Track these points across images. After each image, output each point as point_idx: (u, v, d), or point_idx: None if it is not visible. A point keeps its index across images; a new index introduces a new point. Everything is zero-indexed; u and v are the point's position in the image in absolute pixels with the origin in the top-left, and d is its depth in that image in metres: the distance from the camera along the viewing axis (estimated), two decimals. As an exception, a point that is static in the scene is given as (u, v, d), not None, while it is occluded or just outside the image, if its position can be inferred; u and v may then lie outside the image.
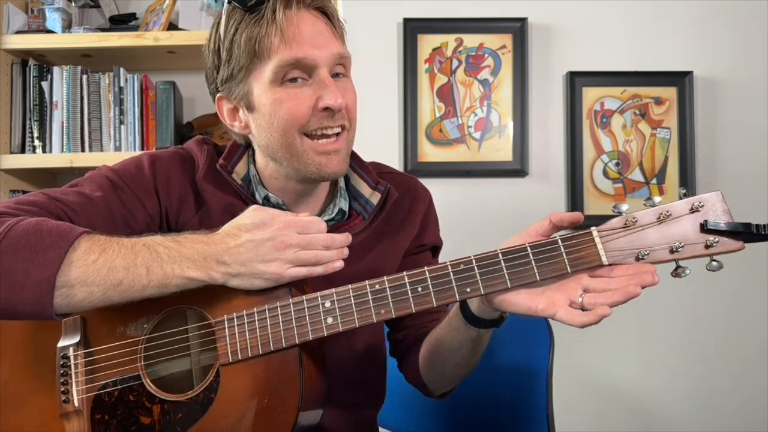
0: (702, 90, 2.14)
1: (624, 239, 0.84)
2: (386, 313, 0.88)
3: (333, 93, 0.95)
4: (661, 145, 2.13)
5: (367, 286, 0.89)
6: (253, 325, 0.90)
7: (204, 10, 2.03)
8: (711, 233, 0.82)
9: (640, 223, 0.84)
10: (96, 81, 2.00)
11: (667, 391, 2.12)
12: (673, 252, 0.83)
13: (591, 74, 2.14)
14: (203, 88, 2.32)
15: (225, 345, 0.90)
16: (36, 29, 2.02)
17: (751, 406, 2.10)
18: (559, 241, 0.86)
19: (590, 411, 2.11)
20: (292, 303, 0.90)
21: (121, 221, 0.98)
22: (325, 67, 0.97)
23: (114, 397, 0.92)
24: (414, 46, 2.14)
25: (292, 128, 0.97)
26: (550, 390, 1.30)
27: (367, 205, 1.08)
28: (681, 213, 0.84)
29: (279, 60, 0.95)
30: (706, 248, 0.82)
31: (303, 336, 0.89)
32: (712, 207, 0.83)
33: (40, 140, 1.99)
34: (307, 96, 0.96)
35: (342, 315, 0.89)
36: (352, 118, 1.02)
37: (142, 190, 1.01)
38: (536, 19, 2.15)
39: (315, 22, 0.97)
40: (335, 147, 0.99)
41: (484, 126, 2.14)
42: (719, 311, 2.11)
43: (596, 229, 0.85)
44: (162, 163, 1.04)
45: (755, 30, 2.14)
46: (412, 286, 0.88)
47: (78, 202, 0.95)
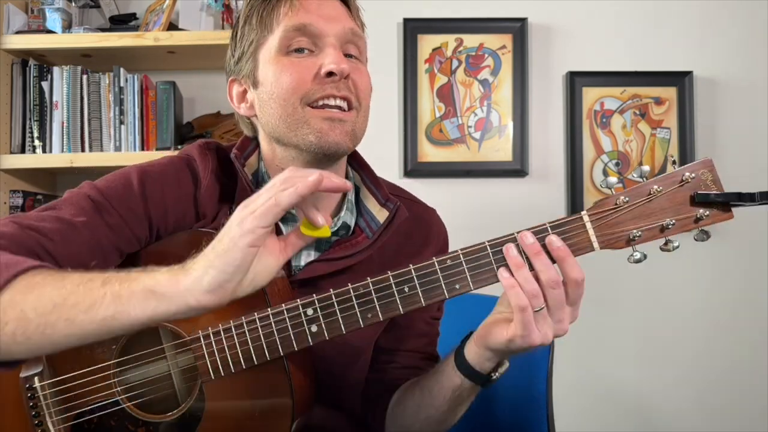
0: (702, 90, 2.14)
1: (614, 220, 0.82)
2: (373, 317, 0.83)
3: (336, 56, 0.89)
4: (661, 145, 2.13)
5: (350, 290, 0.83)
6: (232, 341, 0.83)
7: (204, 10, 2.03)
8: (701, 205, 0.80)
9: (630, 202, 0.81)
10: (96, 81, 2.00)
11: (667, 391, 2.12)
12: (664, 230, 0.81)
13: (591, 74, 2.14)
14: (203, 88, 2.33)
15: (205, 363, 0.84)
16: (36, 29, 2.02)
17: (751, 406, 2.10)
18: (549, 228, 0.81)
19: (590, 411, 2.11)
20: (272, 314, 0.83)
21: (110, 248, 0.88)
22: (332, 37, 0.91)
23: (93, 424, 0.87)
24: (414, 46, 2.14)
25: (292, 96, 0.90)
26: (550, 390, 1.30)
27: (372, 222, 0.99)
28: (671, 186, 0.81)
29: (285, 26, 0.91)
30: (696, 222, 0.81)
31: (288, 348, 0.83)
32: (702, 177, 0.81)
33: (40, 140, 1.99)
34: (311, 64, 0.90)
35: (327, 322, 0.83)
36: (362, 98, 0.93)
37: (131, 213, 0.90)
38: (536, 19, 2.15)
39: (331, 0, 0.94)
40: (340, 116, 0.90)
41: (484, 126, 2.14)
42: (719, 311, 2.11)
43: (587, 213, 0.82)
44: (153, 180, 0.93)
45: (755, 30, 2.14)
46: (398, 286, 0.82)
47: (57, 230, 0.84)
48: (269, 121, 0.94)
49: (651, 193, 0.81)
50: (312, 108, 0.90)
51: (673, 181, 0.81)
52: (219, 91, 2.16)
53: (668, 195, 0.81)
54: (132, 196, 0.90)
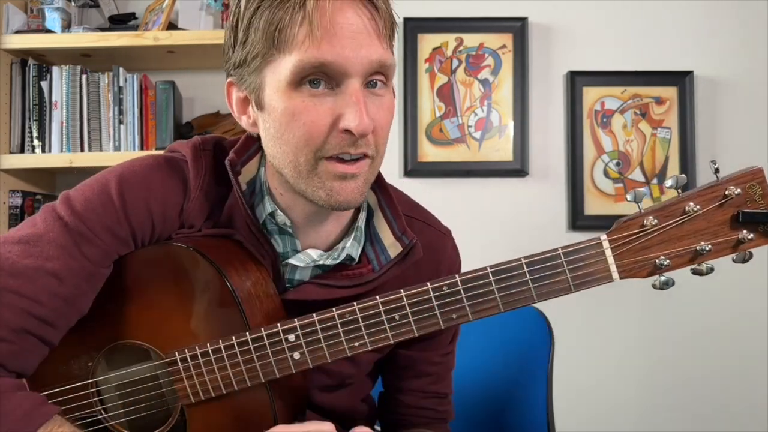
0: (702, 90, 2.14)
1: (640, 245, 0.70)
2: (361, 345, 0.77)
3: (358, 113, 0.75)
4: (662, 145, 2.13)
5: (335, 317, 0.77)
6: (211, 365, 0.79)
7: (204, 9, 2.02)
8: (746, 226, 0.67)
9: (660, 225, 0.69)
10: (95, 81, 1.99)
11: (667, 391, 2.12)
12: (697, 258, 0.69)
13: (591, 74, 2.14)
14: (203, 88, 2.33)
15: (184, 386, 0.80)
16: (35, 29, 2.02)
17: (751, 406, 2.10)
18: (561, 254, 0.73)
19: (590, 411, 2.11)
20: (251, 339, 0.78)
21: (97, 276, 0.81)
22: (357, 78, 0.76)
23: None
24: (414, 45, 2.14)
25: (305, 147, 0.77)
26: (550, 390, 1.30)
27: (383, 255, 0.89)
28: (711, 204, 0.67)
29: (300, 58, 0.74)
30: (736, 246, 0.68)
31: (269, 375, 0.79)
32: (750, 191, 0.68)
33: (39, 140, 1.98)
34: (328, 110, 0.76)
35: (310, 350, 0.78)
36: (380, 144, 0.81)
37: (114, 239, 0.81)
38: (536, 18, 2.15)
39: (356, 15, 0.75)
40: (353, 170, 0.78)
41: (484, 126, 2.13)
42: (719, 311, 2.11)
43: (607, 237, 0.72)
44: (136, 192, 0.82)
45: (755, 30, 2.14)
46: (388, 314, 0.76)
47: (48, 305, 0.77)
48: (276, 158, 0.82)
49: (686, 212, 0.68)
50: (325, 160, 0.78)
51: (714, 197, 0.68)
52: (218, 91, 2.16)
53: (706, 214, 0.68)
54: (114, 217, 0.80)
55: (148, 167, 0.85)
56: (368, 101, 0.77)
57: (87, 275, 0.79)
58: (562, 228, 2.12)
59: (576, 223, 2.10)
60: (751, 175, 0.69)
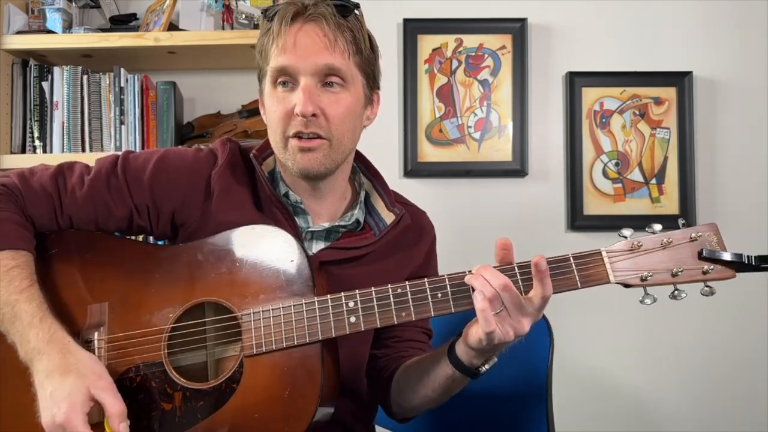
0: (701, 90, 2.14)
1: (629, 261, 0.92)
2: (407, 315, 0.93)
3: (301, 101, 1.01)
4: (661, 145, 2.14)
5: (389, 289, 0.93)
6: (279, 320, 0.93)
7: (204, 10, 2.03)
8: (707, 261, 0.91)
9: (645, 248, 0.92)
10: (96, 81, 2.00)
11: (668, 391, 2.12)
12: (674, 276, 0.92)
13: (590, 74, 2.14)
14: (203, 89, 2.33)
15: (250, 337, 0.94)
16: (36, 29, 2.03)
17: (751, 406, 2.10)
18: (571, 258, 0.92)
19: (590, 411, 2.11)
20: (317, 301, 0.94)
21: (102, 205, 1.06)
22: (306, 76, 1.02)
23: (136, 383, 0.95)
24: (414, 46, 2.14)
25: (278, 127, 1.05)
26: (550, 390, 1.31)
27: (380, 223, 1.14)
28: (681, 241, 0.92)
29: (272, 66, 1.04)
30: (703, 274, 0.91)
31: (326, 333, 0.93)
32: (708, 238, 0.92)
33: (40, 140, 1.99)
34: (289, 101, 1.03)
35: (365, 315, 0.93)
36: (335, 130, 1.04)
37: (135, 180, 1.07)
38: (536, 19, 2.15)
39: (313, 34, 1.03)
40: (308, 145, 1.03)
41: (483, 126, 2.14)
42: (719, 311, 2.11)
43: (605, 250, 0.93)
44: (169, 160, 1.09)
45: (755, 30, 2.15)
46: (432, 292, 0.93)
47: (73, 184, 1.07)
48: (271, 142, 1.10)
49: (663, 244, 0.92)
50: (291, 138, 1.04)
51: (683, 237, 0.93)
52: (219, 91, 2.17)
53: (679, 248, 0.92)
54: (143, 168, 1.07)
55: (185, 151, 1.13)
56: (321, 95, 1.03)
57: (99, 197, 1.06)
58: (562, 228, 2.12)
59: (575, 223, 2.10)
60: (708, 227, 0.93)
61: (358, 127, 1.12)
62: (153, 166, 1.08)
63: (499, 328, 0.89)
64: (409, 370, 1.11)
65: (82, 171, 1.10)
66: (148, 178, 1.07)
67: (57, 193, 1.05)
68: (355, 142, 1.12)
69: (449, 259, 1.26)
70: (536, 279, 0.89)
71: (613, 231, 2.32)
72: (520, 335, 0.91)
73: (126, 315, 0.98)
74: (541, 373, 1.31)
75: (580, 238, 2.12)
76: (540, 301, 0.90)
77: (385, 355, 1.18)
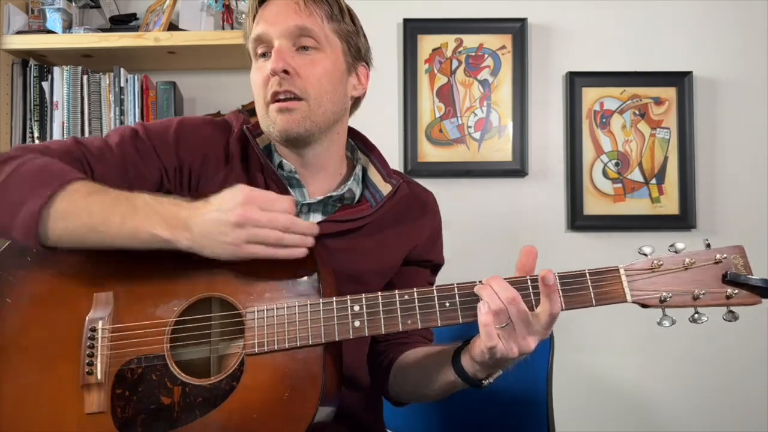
0: (701, 90, 2.14)
1: (648, 280, 0.89)
2: (413, 323, 0.91)
3: (273, 58, 1.03)
4: (661, 145, 2.14)
5: (396, 295, 0.92)
6: (282, 320, 0.92)
7: (204, 10, 2.03)
8: (731, 285, 0.87)
9: (665, 267, 0.89)
10: (96, 81, 2.00)
11: (668, 391, 2.12)
12: (695, 299, 0.87)
13: (590, 74, 2.14)
14: (203, 88, 2.33)
15: (253, 335, 0.92)
16: (36, 29, 2.03)
17: (751, 406, 2.10)
18: (587, 274, 0.90)
19: (590, 411, 2.11)
20: (322, 302, 0.93)
21: (133, 168, 1.05)
22: (278, 39, 1.04)
23: (137, 374, 0.94)
24: (414, 46, 2.14)
25: (259, 96, 1.06)
26: (550, 390, 1.31)
27: (377, 194, 1.13)
28: (704, 262, 0.88)
29: (251, 38, 1.08)
30: (727, 299, 0.88)
31: (329, 336, 0.91)
32: (734, 260, 0.88)
33: (40, 140, 1.99)
34: (267, 67, 1.04)
35: (369, 320, 0.91)
36: (310, 89, 1.04)
37: (161, 142, 1.07)
38: (536, 19, 2.15)
39: (283, 3, 1.06)
40: (286, 105, 1.03)
41: (483, 126, 2.14)
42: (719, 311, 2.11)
43: (623, 267, 0.90)
44: (189, 124, 1.11)
45: (755, 30, 2.15)
46: (440, 300, 0.91)
47: (98, 147, 1.04)
48: (257, 114, 1.10)
49: (685, 265, 0.88)
50: (271, 103, 1.05)
51: (708, 258, 0.89)
52: (219, 91, 2.17)
53: (701, 270, 0.88)
54: (166, 131, 1.08)
55: (202, 118, 1.16)
56: (296, 57, 1.04)
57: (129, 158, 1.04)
58: (562, 228, 2.12)
59: (575, 223, 2.10)
60: (735, 250, 0.89)
61: (340, 91, 1.09)
62: (175, 128, 1.09)
63: (503, 343, 0.86)
64: (410, 369, 1.10)
65: (102, 139, 1.08)
66: (173, 138, 1.08)
67: (84, 157, 1.03)
68: (338, 105, 1.09)
69: (449, 259, 1.26)
70: (543, 294, 0.87)
71: (613, 231, 2.34)
72: (524, 353, 0.88)
73: (132, 305, 0.97)
74: (542, 374, 1.32)
75: (580, 238, 2.12)
76: (547, 318, 0.87)
77: (384, 339, 1.17)
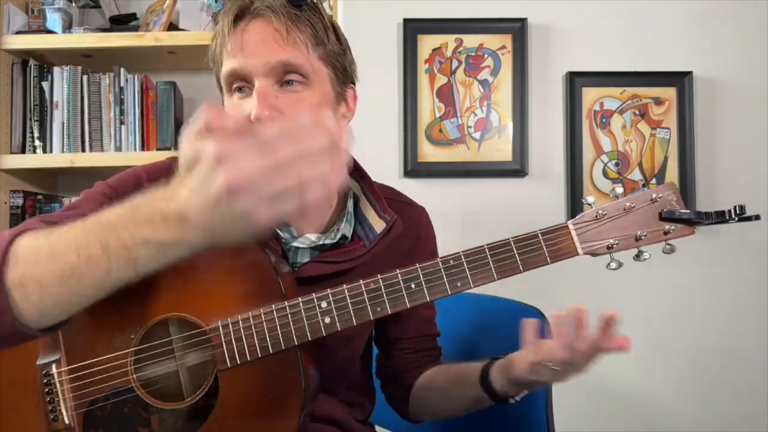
0: (702, 90, 2.14)
1: (595, 230, 0.94)
2: (382, 310, 0.90)
3: (255, 105, 0.90)
4: (661, 145, 2.13)
5: (362, 285, 0.90)
6: (250, 330, 0.88)
7: (204, 10, 2.03)
8: (667, 221, 0.94)
9: (609, 215, 0.94)
10: (96, 81, 2.00)
11: (668, 391, 2.12)
12: (638, 240, 0.94)
13: (591, 74, 2.14)
14: (204, 89, 2.33)
15: (222, 351, 0.88)
16: (36, 29, 2.03)
17: (751, 406, 2.10)
18: (539, 234, 0.93)
19: (590, 411, 2.11)
20: (288, 305, 0.89)
21: None
22: (260, 78, 0.92)
23: (107, 411, 0.89)
24: (414, 46, 2.14)
25: None
26: (550, 390, 1.30)
27: (370, 232, 1.06)
28: (643, 203, 0.94)
29: (224, 70, 0.95)
30: (665, 234, 0.94)
31: (302, 338, 0.89)
32: (668, 197, 0.94)
33: (40, 140, 1.99)
34: (246, 108, 0.92)
35: (339, 314, 0.90)
36: None
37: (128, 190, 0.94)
38: (536, 19, 2.15)
39: (262, 30, 0.93)
40: None
41: (483, 126, 2.14)
42: (719, 311, 2.11)
43: (571, 222, 0.94)
44: (159, 172, 1.00)
45: (755, 30, 2.14)
46: (405, 283, 0.91)
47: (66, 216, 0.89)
48: None
49: (626, 209, 0.94)
50: None
51: (645, 200, 0.95)
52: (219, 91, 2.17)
53: (640, 211, 0.95)
54: (140, 181, 0.98)
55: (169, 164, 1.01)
56: (280, 96, 0.92)
57: None
58: (562, 228, 2.12)
59: (575, 223, 2.10)
60: (667, 187, 0.95)
61: None
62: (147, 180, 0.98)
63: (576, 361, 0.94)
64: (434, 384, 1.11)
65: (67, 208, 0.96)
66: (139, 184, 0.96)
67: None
68: None
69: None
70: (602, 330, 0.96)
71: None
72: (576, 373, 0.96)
73: (84, 342, 0.90)
74: (541, 374, 1.31)
75: (580, 238, 2.12)
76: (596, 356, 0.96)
77: (394, 365, 1.17)
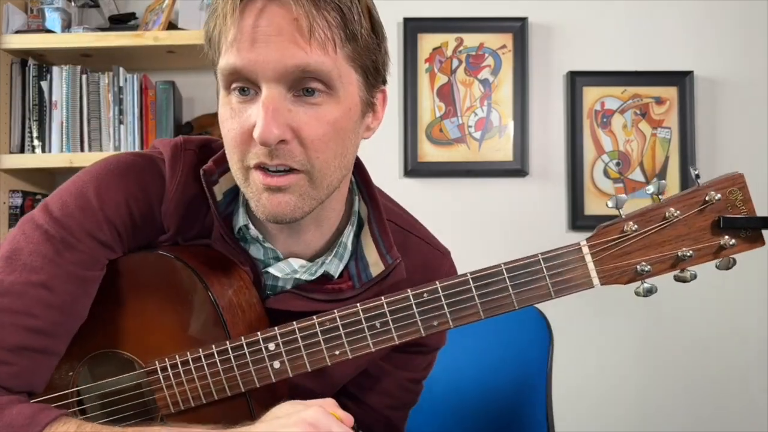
0: (702, 90, 2.14)
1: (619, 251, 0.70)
2: (341, 354, 0.76)
3: (261, 122, 0.69)
4: (662, 145, 2.13)
5: (316, 324, 0.76)
6: (191, 374, 0.78)
7: (204, 9, 2.02)
8: (727, 232, 0.67)
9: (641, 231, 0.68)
10: (95, 81, 1.99)
11: (667, 391, 2.12)
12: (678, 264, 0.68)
13: (591, 74, 2.14)
14: (203, 88, 2.33)
15: (164, 396, 0.79)
16: (35, 29, 2.02)
17: (750, 406, 2.10)
18: (541, 259, 0.72)
19: (590, 411, 2.11)
20: (230, 347, 0.77)
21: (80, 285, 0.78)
22: (270, 84, 0.70)
23: None
24: (414, 45, 2.14)
25: (233, 156, 0.75)
26: (549, 390, 1.30)
27: (364, 273, 0.85)
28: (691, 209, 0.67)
29: (221, 64, 0.73)
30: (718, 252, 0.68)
31: (248, 384, 0.78)
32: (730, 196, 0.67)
33: (39, 140, 1.98)
34: (247, 118, 0.72)
35: (290, 359, 0.76)
36: (314, 158, 0.73)
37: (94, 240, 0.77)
38: (536, 18, 2.15)
39: (276, 18, 0.69)
40: (276, 183, 0.72)
41: (484, 126, 2.13)
42: (719, 311, 2.11)
43: (587, 243, 0.71)
44: (112, 191, 0.79)
45: (755, 30, 2.14)
46: (368, 322, 0.75)
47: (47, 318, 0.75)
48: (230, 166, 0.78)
49: (666, 218, 0.67)
50: (252, 169, 0.74)
51: (695, 202, 0.68)
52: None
53: (687, 220, 0.67)
54: (94, 220, 0.77)
55: (125, 165, 0.82)
56: (294, 109, 0.71)
57: (77, 280, 0.76)
58: (562, 228, 2.12)
59: (576, 223, 2.10)
60: (731, 181, 0.69)
61: (351, 146, 0.79)
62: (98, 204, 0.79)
63: None
64: None
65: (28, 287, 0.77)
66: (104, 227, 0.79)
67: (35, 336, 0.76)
68: (347, 168, 0.80)
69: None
70: None
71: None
72: None
73: None
74: (541, 374, 1.31)
75: (580, 238, 2.10)
76: None
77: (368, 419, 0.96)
